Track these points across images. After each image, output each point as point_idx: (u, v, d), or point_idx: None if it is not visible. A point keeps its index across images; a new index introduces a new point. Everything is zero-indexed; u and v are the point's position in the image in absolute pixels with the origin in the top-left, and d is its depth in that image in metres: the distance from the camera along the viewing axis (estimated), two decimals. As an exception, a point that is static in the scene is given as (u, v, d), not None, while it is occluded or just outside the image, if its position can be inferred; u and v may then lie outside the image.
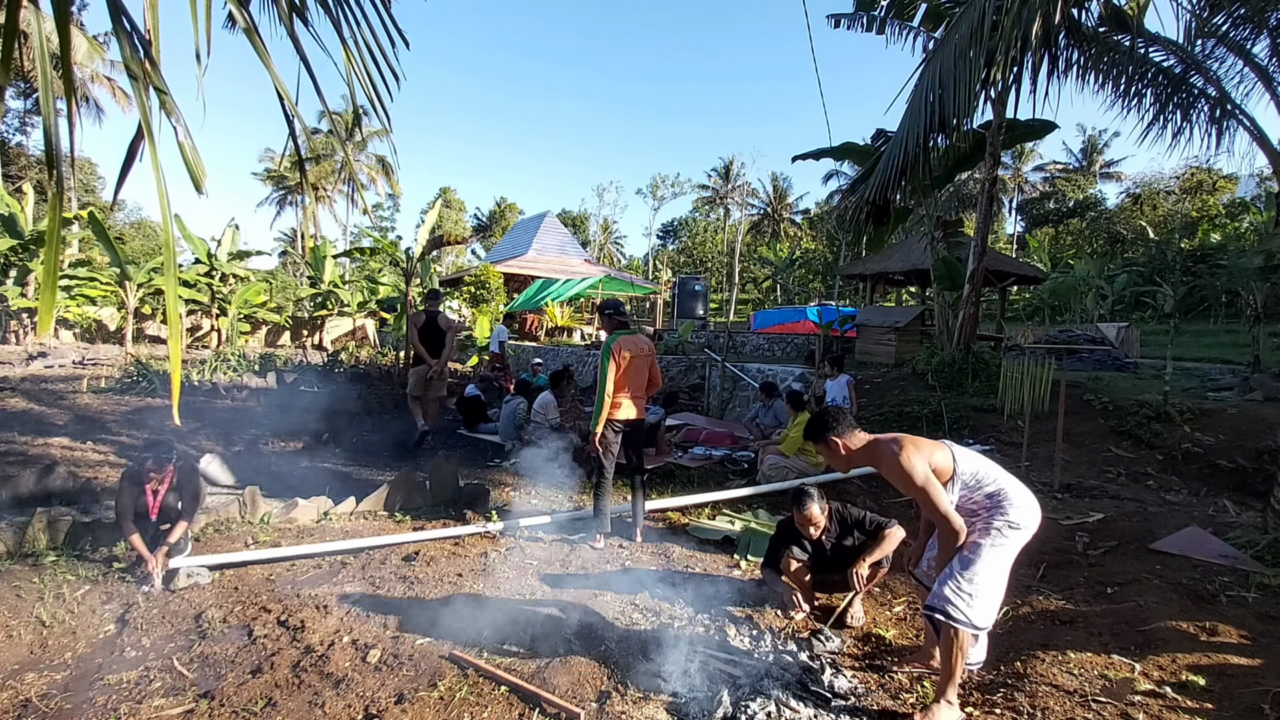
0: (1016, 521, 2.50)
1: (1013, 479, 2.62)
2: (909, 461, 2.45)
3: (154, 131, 1.37)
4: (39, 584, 3.41)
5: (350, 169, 36.66)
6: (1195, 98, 5.42)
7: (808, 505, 3.34)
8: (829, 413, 2.70)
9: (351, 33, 1.89)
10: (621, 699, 2.66)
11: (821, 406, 7.57)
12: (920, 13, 9.44)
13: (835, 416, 2.67)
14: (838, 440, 2.63)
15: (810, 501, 3.35)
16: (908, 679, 2.90)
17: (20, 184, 25.52)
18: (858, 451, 2.64)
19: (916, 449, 2.49)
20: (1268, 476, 5.33)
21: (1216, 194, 34.03)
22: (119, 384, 10.13)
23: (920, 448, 2.52)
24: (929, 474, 2.46)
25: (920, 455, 2.48)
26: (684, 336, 16.59)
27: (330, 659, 2.89)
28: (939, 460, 2.53)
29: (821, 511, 3.38)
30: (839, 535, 3.46)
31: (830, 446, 2.65)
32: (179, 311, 1.51)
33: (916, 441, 2.55)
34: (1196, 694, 2.63)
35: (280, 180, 43.31)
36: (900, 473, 2.47)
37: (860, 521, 3.46)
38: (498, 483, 6.16)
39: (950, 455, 2.57)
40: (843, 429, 2.63)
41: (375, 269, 31.02)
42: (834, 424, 2.64)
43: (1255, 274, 13.61)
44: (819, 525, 3.38)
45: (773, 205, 50.08)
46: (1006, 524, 2.50)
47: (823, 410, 2.75)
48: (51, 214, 1.29)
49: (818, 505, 3.37)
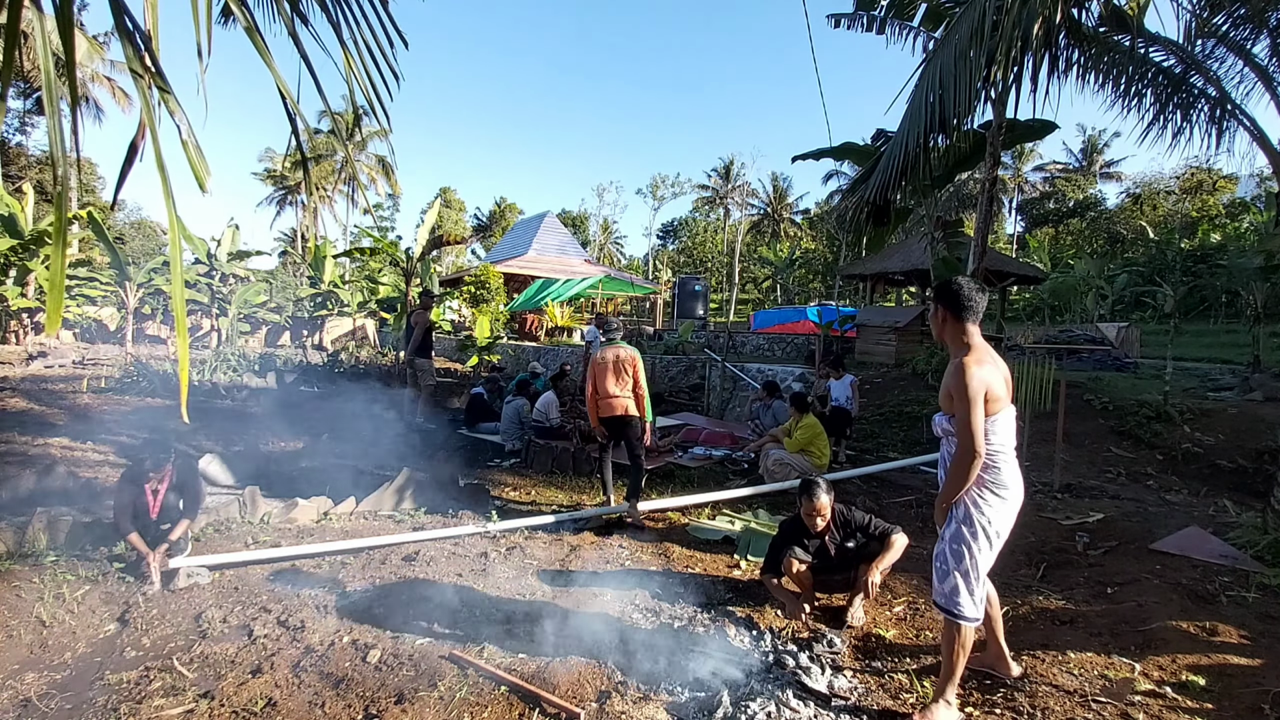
0: (1005, 483, 2.52)
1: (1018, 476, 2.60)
2: (970, 371, 2.43)
3: (156, 130, 1.37)
4: (39, 584, 3.41)
5: (352, 168, 36.71)
6: (1195, 98, 5.42)
7: (818, 495, 3.35)
8: (964, 288, 2.56)
9: (351, 33, 1.89)
10: (621, 699, 2.66)
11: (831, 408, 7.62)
12: (920, 13, 9.43)
13: (969, 297, 2.55)
14: (950, 314, 2.58)
15: (820, 491, 3.36)
16: (907, 679, 2.90)
17: (20, 184, 25.50)
18: (952, 337, 2.61)
19: (979, 381, 2.44)
20: (1268, 476, 5.33)
21: (1216, 194, 34.04)
22: (119, 384, 10.13)
23: (984, 378, 2.46)
24: (979, 393, 2.42)
25: (982, 373, 2.45)
26: (684, 336, 16.59)
27: (330, 659, 2.89)
28: (996, 390, 2.49)
29: (829, 503, 3.39)
30: (842, 537, 3.46)
31: (939, 313, 2.62)
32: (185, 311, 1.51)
33: (991, 368, 2.50)
34: (1196, 694, 2.63)
35: (280, 180, 43.30)
36: (958, 379, 2.45)
37: (864, 526, 3.45)
38: (498, 483, 6.16)
39: (1007, 396, 2.54)
40: (966, 313, 2.55)
41: (375, 269, 31.01)
42: (965, 302, 2.55)
43: (1255, 274, 13.61)
44: (826, 516, 3.38)
45: (773, 205, 50.08)
46: (995, 485, 2.51)
47: (962, 283, 2.58)
48: (56, 215, 1.29)
49: (826, 495, 3.37)
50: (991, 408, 2.48)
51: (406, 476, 5.34)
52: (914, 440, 8.44)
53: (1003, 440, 2.54)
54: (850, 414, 7.69)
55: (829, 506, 3.39)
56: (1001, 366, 2.58)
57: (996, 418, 2.51)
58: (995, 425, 2.52)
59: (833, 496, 3.44)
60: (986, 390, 2.45)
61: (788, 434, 6.25)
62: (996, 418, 2.51)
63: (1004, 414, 2.54)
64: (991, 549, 2.53)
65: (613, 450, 5.38)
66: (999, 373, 2.54)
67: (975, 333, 2.57)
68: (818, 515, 3.37)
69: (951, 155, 6.13)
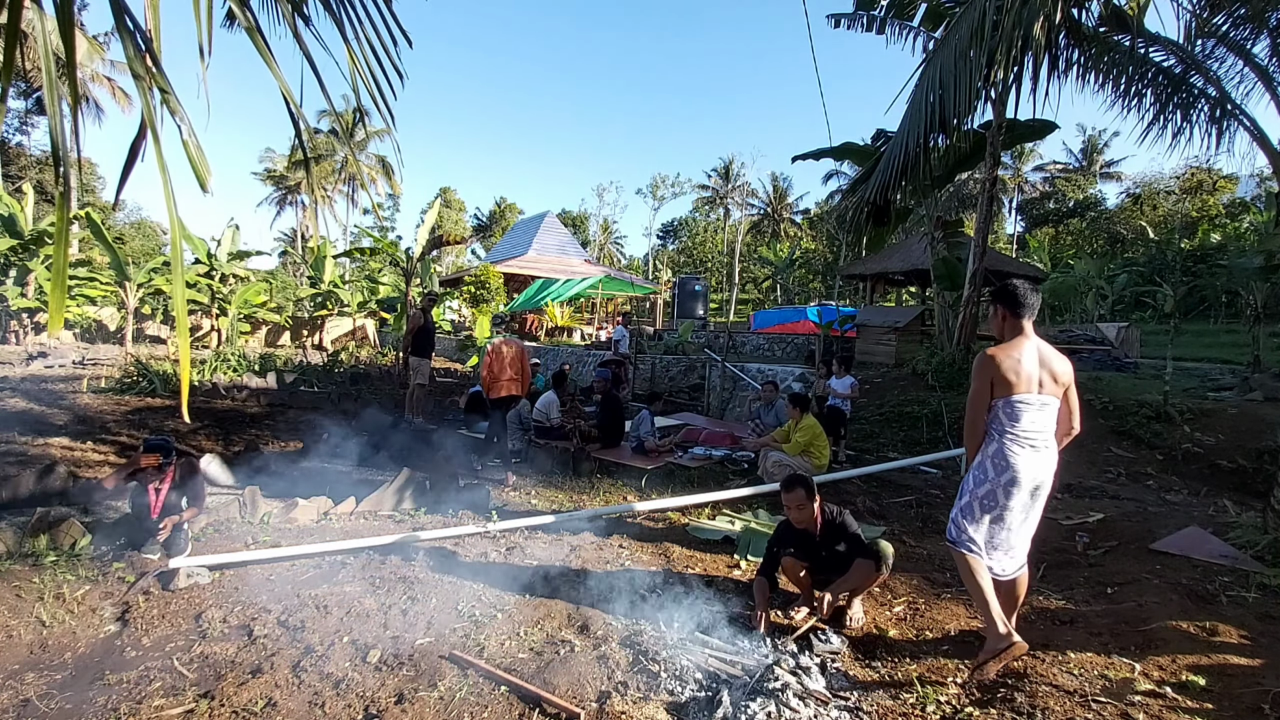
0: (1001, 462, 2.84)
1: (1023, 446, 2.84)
2: (981, 357, 2.90)
3: (158, 131, 1.37)
4: (39, 584, 3.41)
5: (355, 166, 36.73)
6: (1195, 98, 5.42)
7: (794, 489, 3.35)
8: (1020, 289, 2.90)
9: (354, 32, 1.89)
10: (621, 699, 2.66)
11: (827, 408, 7.63)
12: (920, 13, 9.44)
13: (1023, 297, 2.89)
14: (1008, 313, 2.93)
15: (797, 485, 3.35)
16: (907, 679, 2.90)
17: (20, 184, 25.50)
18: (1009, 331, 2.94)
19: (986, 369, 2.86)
20: (1268, 476, 5.33)
21: (1216, 194, 34.01)
22: (119, 384, 10.12)
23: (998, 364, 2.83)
24: (980, 390, 2.88)
25: (984, 374, 2.86)
26: (684, 336, 16.59)
27: (330, 659, 2.89)
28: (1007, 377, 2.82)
29: (811, 501, 3.37)
30: (832, 539, 3.44)
31: (998, 311, 2.97)
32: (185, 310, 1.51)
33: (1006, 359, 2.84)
34: (1196, 694, 2.63)
35: (280, 180, 43.30)
36: (975, 361, 2.92)
37: (852, 539, 3.41)
38: (498, 483, 6.16)
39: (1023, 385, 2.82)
40: (1022, 309, 2.89)
41: (375, 269, 31.03)
42: (1020, 300, 2.89)
43: (1255, 274, 13.58)
44: (807, 513, 3.36)
45: (773, 205, 50.06)
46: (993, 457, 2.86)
47: (1018, 284, 2.93)
48: (58, 214, 1.29)
49: (803, 490, 3.35)
50: (997, 390, 2.85)
51: (406, 476, 5.34)
52: (914, 440, 8.44)
53: (1011, 422, 2.84)
54: (845, 414, 7.70)
55: (807, 504, 3.36)
56: (1032, 358, 2.86)
57: (1008, 400, 2.84)
58: (1005, 408, 2.85)
59: (815, 495, 3.41)
60: (994, 375, 2.83)
61: (786, 437, 6.24)
62: (1008, 400, 2.84)
63: (1016, 399, 2.83)
64: (983, 510, 2.89)
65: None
66: (1023, 363, 2.84)
67: (1028, 327, 2.91)
68: (796, 510, 3.36)
69: (951, 155, 6.13)
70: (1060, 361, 2.90)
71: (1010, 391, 2.81)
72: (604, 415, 7.68)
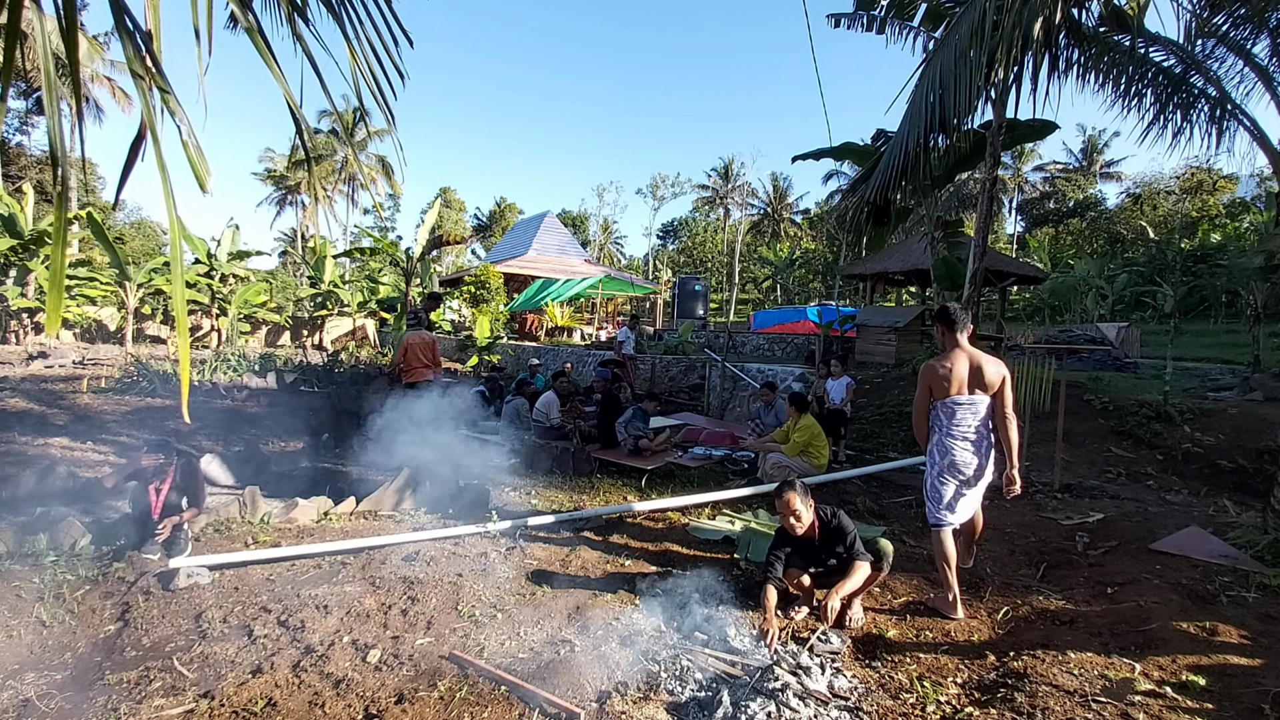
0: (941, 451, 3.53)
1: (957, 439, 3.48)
2: (920, 380, 3.60)
3: (157, 131, 1.37)
4: (39, 584, 3.41)
5: (357, 165, 36.70)
6: (1195, 98, 5.42)
7: (786, 493, 3.33)
8: (954, 311, 3.51)
9: (355, 32, 1.89)
10: (621, 699, 2.66)
11: (827, 409, 7.63)
12: (920, 13, 9.42)
13: (956, 317, 3.50)
14: (946, 329, 3.56)
15: (789, 490, 3.33)
16: (907, 678, 2.90)
17: (20, 184, 25.50)
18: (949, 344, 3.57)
19: (925, 377, 3.56)
20: (1268, 476, 5.33)
21: (1216, 194, 34.01)
22: (119, 384, 10.12)
23: (935, 374, 3.50)
24: (922, 393, 3.60)
25: (924, 382, 3.57)
26: (684, 336, 16.59)
27: (330, 659, 2.89)
28: (941, 384, 3.49)
29: (805, 506, 3.33)
30: (829, 541, 3.42)
31: (939, 329, 3.62)
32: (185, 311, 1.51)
33: (940, 368, 3.48)
34: (1196, 694, 2.63)
35: (280, 180, 43.29)
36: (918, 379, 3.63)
37: (847, 541, 3.38)
38: (498, 483, 6.16)
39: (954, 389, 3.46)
40: (956, 326, 3.52)
41: (375, 269, 31.01)
42: (954, 320, 3.52)
43: (1255, 274, 13.60)
44: (798, 515, 3.31)
45: (773, 205, 50.05)
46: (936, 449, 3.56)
47: (951, 308, 3.55)
48: (57, 215, 1.29)
49: (796, 495, 3.31)
50: (935, 393, 3.53)
51: (406, 476, 5.34)
52: (914, 440, 8.42)
53: (948, 419, 3.50)
54: (845, 414, 7.69)
55: (801, 508, 3.31)
56: (963, 366, 3.45)
57: (944, 402, 3.50)
58: (942, 408, 3.52)
59: (808, 500, 3.36)
60: (931, 381, 3.52)
61: (785, 437, 6.24)
62: (944, 402, 3.50)
63: (951, 401, 3.47)
64: (941, 494, 3.53)
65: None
66: (954, 370, 3.44)
67: (963, 340, 3.53)
68: (790, 514, 3.32)
69: (951, 155, 6.13)
70: (992, 366, 3.44)
71: (945, 394, 3.45)
72: (603, 415, 7.67)
